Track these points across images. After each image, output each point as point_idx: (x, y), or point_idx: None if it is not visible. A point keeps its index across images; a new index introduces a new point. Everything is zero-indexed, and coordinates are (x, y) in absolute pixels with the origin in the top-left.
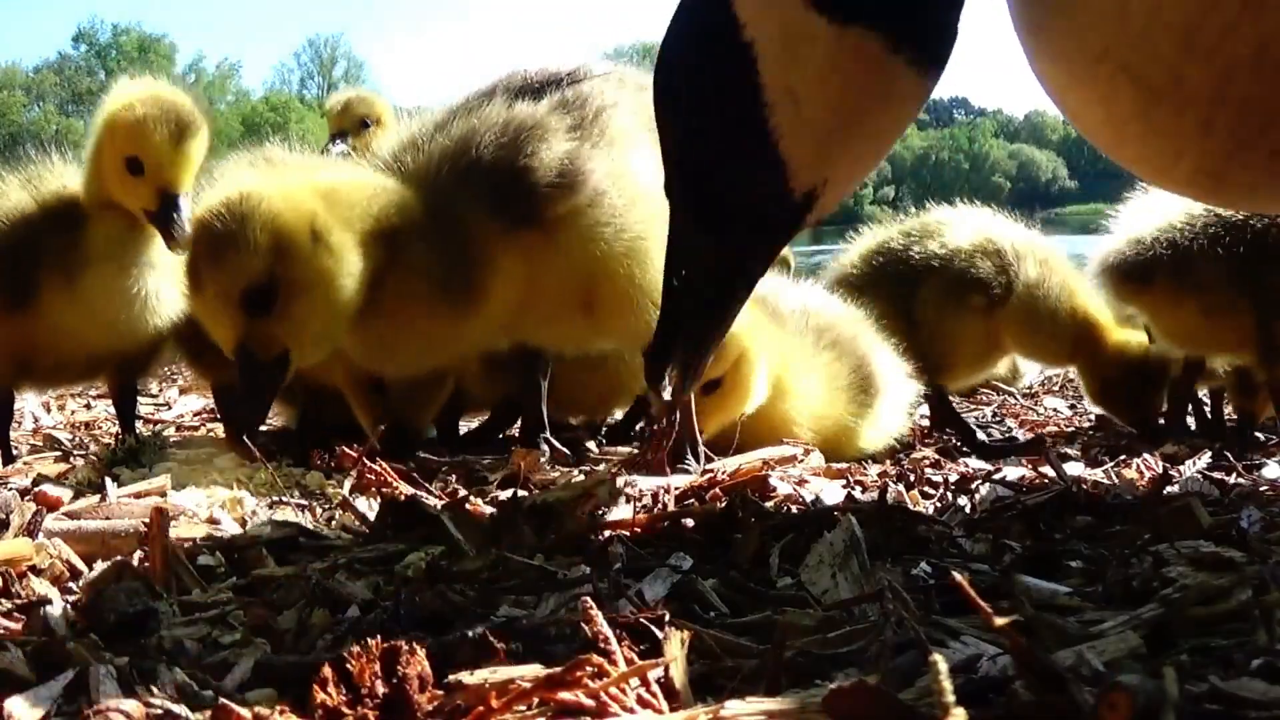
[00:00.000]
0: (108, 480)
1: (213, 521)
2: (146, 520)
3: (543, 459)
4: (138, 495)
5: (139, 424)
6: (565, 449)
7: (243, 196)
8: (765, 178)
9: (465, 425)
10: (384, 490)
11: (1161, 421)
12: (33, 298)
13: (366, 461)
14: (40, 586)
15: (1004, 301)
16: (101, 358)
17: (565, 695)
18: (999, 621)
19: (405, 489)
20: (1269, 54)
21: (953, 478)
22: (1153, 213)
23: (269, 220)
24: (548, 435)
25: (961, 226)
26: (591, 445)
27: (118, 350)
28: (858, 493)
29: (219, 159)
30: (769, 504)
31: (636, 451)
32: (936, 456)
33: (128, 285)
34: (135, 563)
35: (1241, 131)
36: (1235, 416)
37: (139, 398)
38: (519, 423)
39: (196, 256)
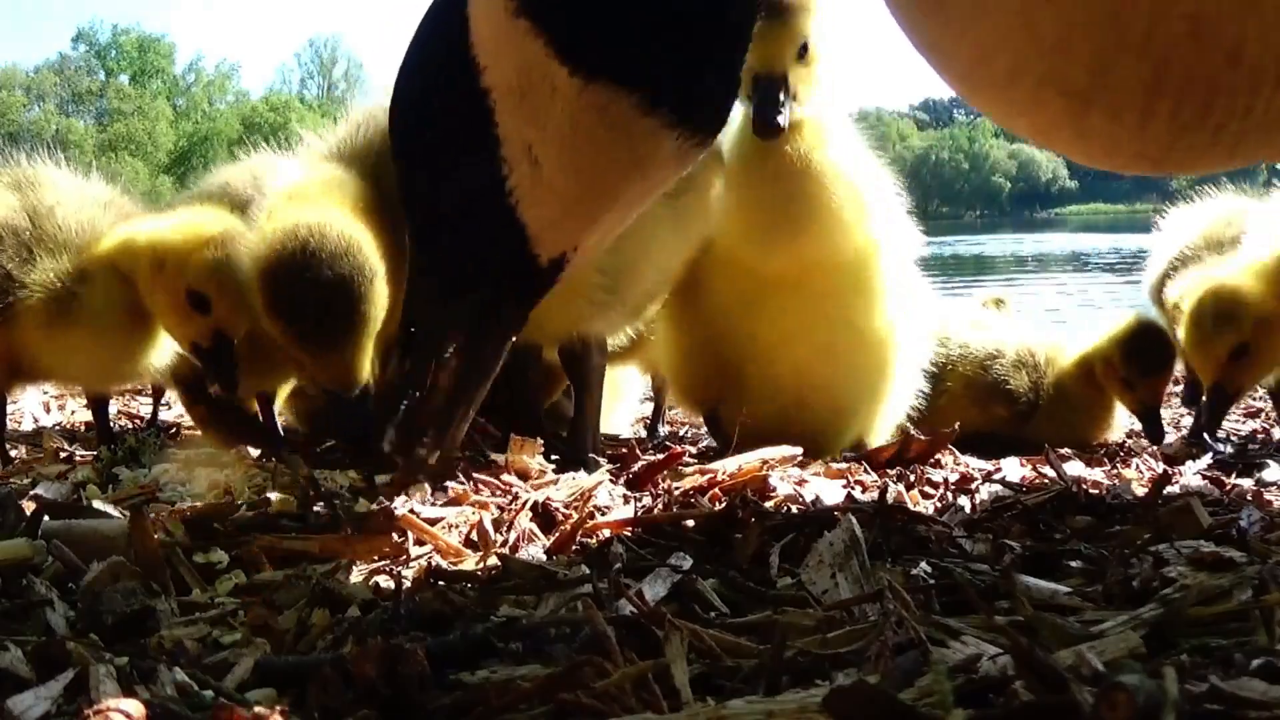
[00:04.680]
0: (108, 480)
1: (213, 520)
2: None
3: (539, 453)
4: (137, 494)
5: (137, 423)
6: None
7: (343, 239)
8: (505, 244)
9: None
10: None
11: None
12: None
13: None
14: (40, 586)
15: None
16: None
17: (565, 695)
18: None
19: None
20: (1205, 25)
21: (953, 478)
22: None
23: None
24: (546, 434)
25: None
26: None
27: None
28: (858, 493)
29: (219, 160)
30: (769, 504)
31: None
32: (937, 456)
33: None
34: (130, 563)
35: (1184, 114)
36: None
37: (140, 398)
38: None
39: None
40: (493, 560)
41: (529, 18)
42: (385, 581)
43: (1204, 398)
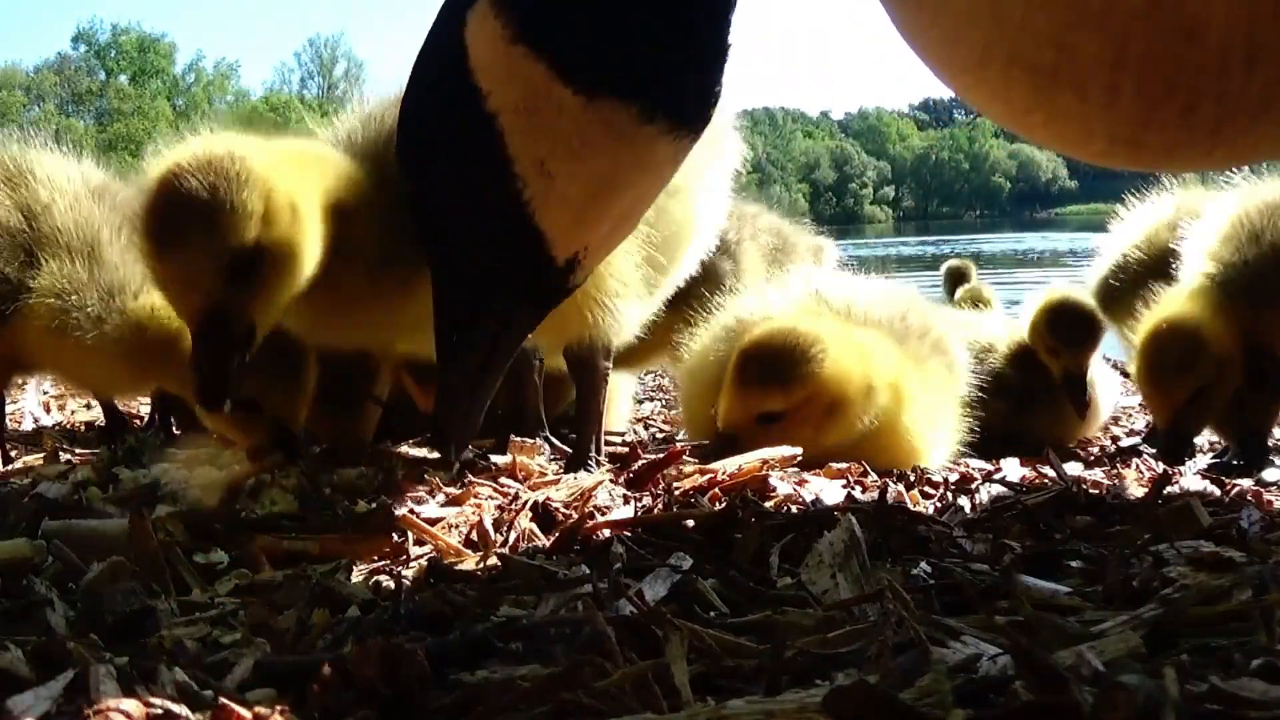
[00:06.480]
0: (108, 480)
1: (213, 520)
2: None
3: (540, 455)
4: (136, 494)
5: (137, 423)
6: (566, 448)
7: (230, 156)
8: (525, 251)
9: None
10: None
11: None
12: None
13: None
14: (40, 586)
15: None
16: None
17: (565, 695)
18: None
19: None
20: (1164, 1)
21: (953, 478)
22: None
23: (261, 183)
24: (548, 434)
25: None
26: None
27: None
28: (858, 493)
29: None
30: (769, 504)
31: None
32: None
33: None
34: (130, 562)
35: (1149, 91)
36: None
37: (140, 398)
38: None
39: (177, 212)
40: (493, 560)
41: (527, 44)
42: (385, 581)
43: (1162, 437)
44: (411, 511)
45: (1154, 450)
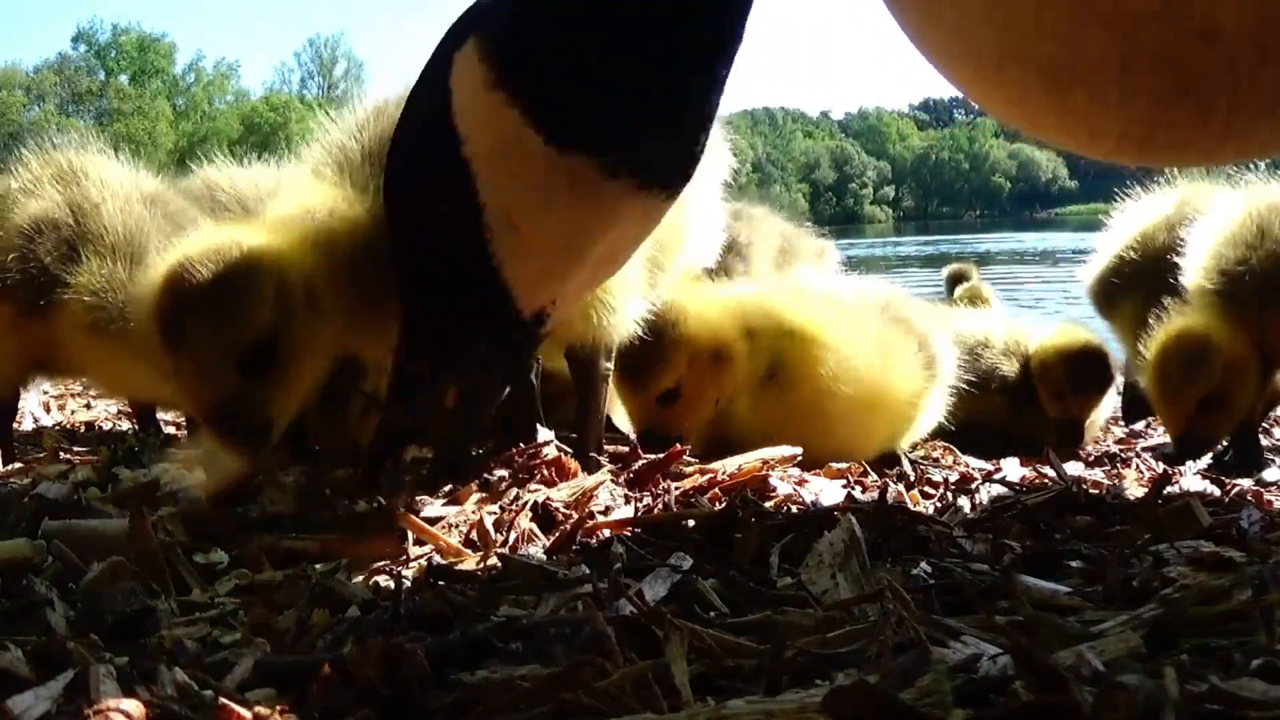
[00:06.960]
0: (108, 480)
1: (213, 520)
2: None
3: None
4: (136, 494)
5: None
6: (567, 449)
7: (236, 245)
8: (490, 301)
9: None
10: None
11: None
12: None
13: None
14: (40, 586)
15: None
16: None
17: (565, 695)
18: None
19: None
20: (1174, 2)
21: (953, 478)
22: None
23: (272, 271)
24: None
25: None
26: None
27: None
28: (858, 493)
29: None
30: (769, 504)
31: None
32: (937, 456)
33: None
34: (130, 562)
35: (1163, 91)
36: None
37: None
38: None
39: (184, 308)
40: (493, 560)
41: (505, 90)
42: (385, 581)
43: (1175, 446)
44: (412, 511)
45: (1154, 450)
